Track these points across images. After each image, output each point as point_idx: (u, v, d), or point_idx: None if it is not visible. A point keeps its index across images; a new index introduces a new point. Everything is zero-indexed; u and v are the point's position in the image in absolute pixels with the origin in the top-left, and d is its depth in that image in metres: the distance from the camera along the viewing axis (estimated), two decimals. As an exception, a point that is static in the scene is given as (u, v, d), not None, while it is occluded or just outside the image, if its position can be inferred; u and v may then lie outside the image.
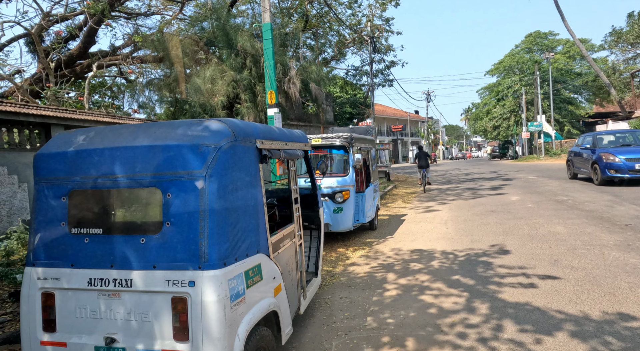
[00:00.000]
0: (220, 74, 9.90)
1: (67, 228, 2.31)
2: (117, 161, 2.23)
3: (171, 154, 2.18)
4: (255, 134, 2.62)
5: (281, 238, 3.00)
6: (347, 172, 6.87)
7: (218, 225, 2.14)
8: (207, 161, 2.15)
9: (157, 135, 2.28)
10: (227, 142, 2.25)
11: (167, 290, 2.11)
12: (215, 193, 2.15)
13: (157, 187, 2.19)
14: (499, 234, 6.77)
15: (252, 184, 2.51)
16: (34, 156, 2.44)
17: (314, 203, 4.33)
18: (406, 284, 4.68)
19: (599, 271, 4.48)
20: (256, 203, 2.55)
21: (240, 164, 2.38)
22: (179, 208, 2.15)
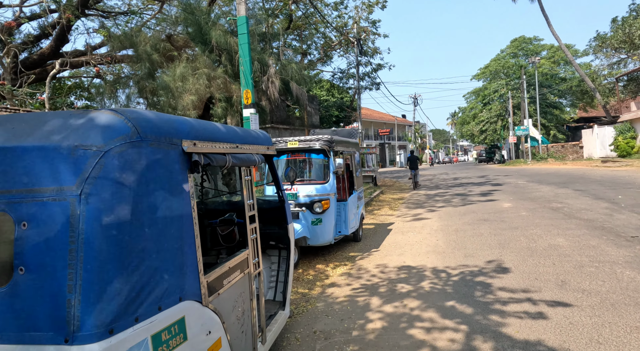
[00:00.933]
0: (193, 72, 9.10)
1: None
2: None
3: (30, 161, 1.42)
4: (180, 131, 1.87)
5: (226, 272, 2.25)
6: (327, 179, 6.15)
7: (101, 271, 1.38)
8: (83, 172, 1.39)
9: (15, 132, 1.51)
10: (123, 143, 1.50)
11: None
12: (97, 220, 1.39)
13: (6, 212, 1.42)
14: (494, 247, 6.13)
15: (173, 203, 1.76)
16: None
17: (281, 217, 3.58)
18: (393, 312, 3.96)
19: (616, 297, 3.84)
20: (180, 230, 1.79)
21: (149, 175, 1.62)
22: (38, 244, 1.38)
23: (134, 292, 1.50)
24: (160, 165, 1.70)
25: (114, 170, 1.45)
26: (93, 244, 1.37)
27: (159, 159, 1.69)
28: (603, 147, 26.91)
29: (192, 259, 1.86)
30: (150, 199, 1.61)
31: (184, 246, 1.82)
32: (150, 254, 1.59)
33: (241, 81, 8.68)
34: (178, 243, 1.78)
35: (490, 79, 44.52)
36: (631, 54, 26.11)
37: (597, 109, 37.08)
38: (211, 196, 4.08)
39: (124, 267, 1.46)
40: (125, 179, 1.49)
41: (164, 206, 1.69)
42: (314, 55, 29.04)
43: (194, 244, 1.88)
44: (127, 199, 1.49)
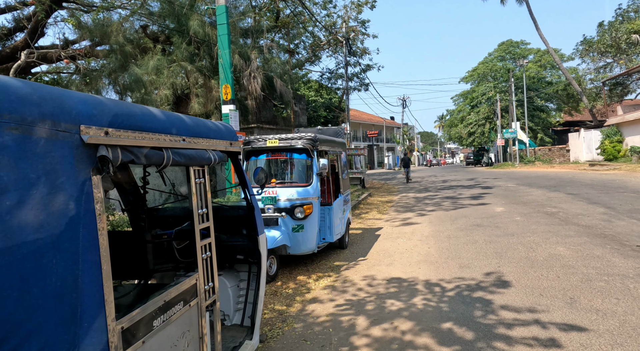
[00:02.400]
0: (168, 65, 8.44)
1: None
2: None
3: None
4: (78, 112, 1.28)
5: (160, 308, 1.66)
6: (311, 181, 5.58)
7: None
8: None
9: None
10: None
11: None
12: None
13: None
14: (491, 256, 5.65)
15: (57, 221, 1.16)
16: None
17: (251, 227, 3.00)
18: (382, 337, 3.41)
19: (635, 319, 3.36)
20: (72, 258, 1.20)
21: (8, 178, 1.03)
22: None
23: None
24: (33, 162, 1.11)
25: None
26: None
27: (28, 153, 1.10)
28: (589, 150, 27.00)
29: (92, 301, 1.27)
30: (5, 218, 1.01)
31: (79, 280, 1.23)
32: (5, 301, 1.00)
33: (220, 75, 8.06)
34: (67, 277, 1.19)
35: (478, 81, 44.62)
36: (617, 58, 26.28)
37: (582, 113, 37.42)
38: (168, 201, 3.47)
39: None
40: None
41: (36, 226, 1.10)
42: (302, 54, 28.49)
43: (97, 278, 1.29)
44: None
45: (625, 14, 26.27)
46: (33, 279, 1.09)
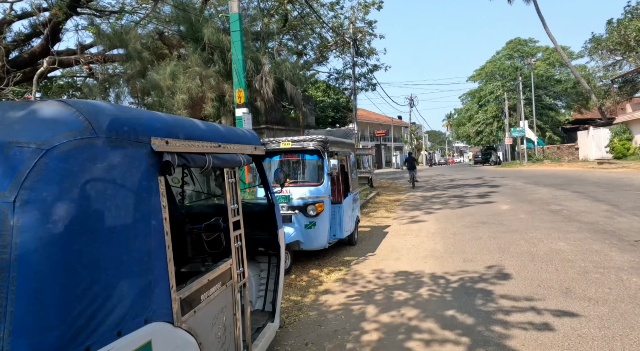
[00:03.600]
0: (184, 70, 8.84)
1: None
2: None
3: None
4: (149, 128, 1.64)
5: (204, 286, 2.01)
6: (322, 181, 5.92)
7: (38, 295, 1.15)
8: (19, 175, 1.16)
9: None
10: (72, 140, 1.26)
11: None
12: (35, 233, 1.15)
13: None
14: (494, 251, 5.93)
15: (137, 211, 1.52)
16: None
17: (271, 222, 3.35)
18: (389, 323, 3.73)
19: (624, 306, 3.64)
20: (146, 241, 1.56)
21: (106, 178, 1.39)
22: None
23: (84, 317, 1.26)
24: (122, 166, 1.46)
25: (58, 172, 1.21)
26: (29, 261, 1.14)
27: (119, 160, 1.45)
28: (599, 149, 26.91)
29: (161, 274, 1.63)
30: (105, 207, 1.37)
31: (151, 259, 1.58)
32: (105, 271, 1.36)
33: (234, 80, 8.43)
34: (143, 256, 1.54)
35: (486, 80, 44.54)
36: (626, 56, 26.16)
37: (592, 111, 37.16)
38: (196, 200, 3.84)
39: (69, 288, 1.22)
40: (74, 183, 1.26)
41: (125, 214, 1.46)
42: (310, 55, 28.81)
43: (164, 256, 1.65)
44: (75, 207, 1.25)
45: (634, 11, 26.14)
46: (125, 255, 1.44)
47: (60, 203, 1.21)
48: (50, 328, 1.16)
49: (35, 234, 1.15)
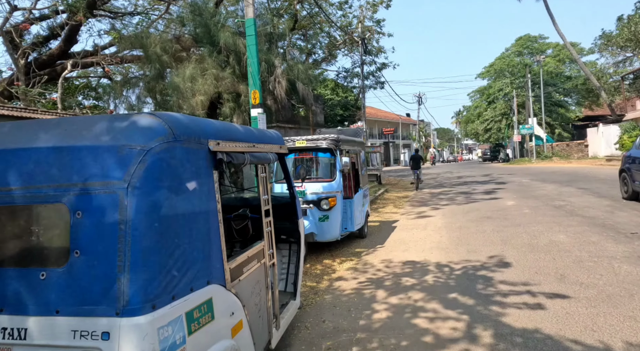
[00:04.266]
0: (201, 73, 9.32)
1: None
2: (10, 168, 1.67)
3: (83, 158, 1.63)
4: (206, 132, 2.08)
5: (245, 261, 2.46)
6: (334, 177, 6.35)
7: (145, 254, 1.59)
8: (129, 168, 1.60)
9: (67, 133, 1.72)
10: (162, 143, 1.71)
11: (73, 345, 1.55)
12: (141, 210, 1.60)
13: (62, 203, 1.64)
14: (496, 243, 6.30)
15: (201, 197, 1.97)
16: None
17: (292, 213, 3.78)
18: (397, 304, 4.15)
19: (612, 289, 4.01)
20: (207, 220, 2.00)
21: (182, 171, 1.83)
22: (91, 231, 1.59)
23: (171, 274, 1.71)
24: (191, 162, 1.91)
25: (155, 166, 1.66)
26: (139, 230, 1.58)
27: (189, 157, 1.90)
28: (608, 145, 26.83)
29: (217, 247, 2.07)
30: (185, 192, 1.82)
31: (211, 235, 2.03)
32: (184, 241, 1.80)
33: (249, 82, 8.88)
34: (206, 232, 1.99)
35: (495, 77, 44.42)
36: (637, 52, 26.03)
37: (602, 107, 36.86)
38: (224, 193, 4.29)
39: (163, 251, 1.67)
40: (164, 174, 1.70)
41: (194, 198, 1.90)
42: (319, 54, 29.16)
43: (219, 233, 2.09)
44: (165, 191, 1.70)
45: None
46: (194, 228, 1.89)
47: (155, 188, 1.66)
48: (152, 278, 1.61)
49: (141, 210, 1.60)
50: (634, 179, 8.61)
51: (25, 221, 1.76)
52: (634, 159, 8.78)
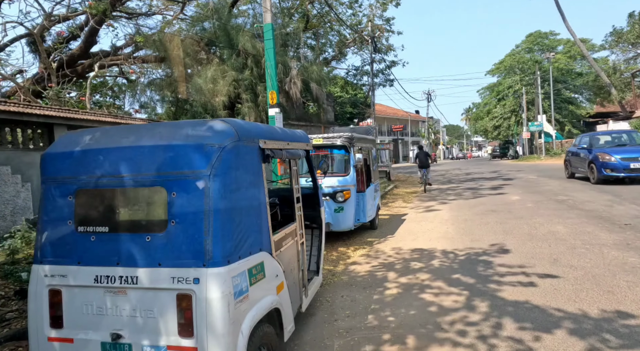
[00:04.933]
0: (222, 74, 9.95)
1: (73, 226, 2.36)
2: (123, 161, 2.27)
3: (176, 153, 2.23)
4: (258, 134, 2.66)
5: (283, 237, 3.04)
6: (348, 172, 6.91)
7: (222, 224, 2.18)
8: (211, 161, 2.19)
9: (163, 135, 2.32)
10: (231, 142, 2.29)
11: (172, 287, 2.15)
12: (219, 192, 2.19)
13: (162, 186, 2.24)
14: (499, 233, 6.81)
15: (255, 183, 2.55)
16: (40, 155, 2.49)
17: (315, 202, 4.36)
18: (407, 283, 4.71)
19: (598, 270, 4.51)
20: (259, 202, 2.59)
21: (244, 163, 2.42)
22: (183, 206, 2.19)
23: (238, 240, 2.30)
24: (250, 156, 2.50)
25: (227, 159, 2.24)
26: (218, 206, 2.17)
27: (249, 153, 2.49)
28: (618, 142, 26.88)
29: (266, 223, 2.66)
30: (246, 179, 2.41)
31: (262, 213, 2.62)
32: (246, 216, 2.39)
33: (267, 83, 9.48)
34: (258, 211, 2.58)
35: (504, 74, 44.38)
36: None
37: (614, 104, 36.72)
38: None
39: (234, 223, 2.26)
40: (233, 165, 2.29)
41: (252, 184, 2.49)
42: (329, 53, 29.62)
43: (266, 212, 2.68)
44: (235, 178, 2.29)
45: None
46: (252, 210, 2.47)
47: (228, 175, 2.25)
48: (226, 241, 2.20)
49: (219, 192, 2.19)
50: (572, 166, 14.11)
51: (134, 200, 2.37)
52: (572, 153, 14.11)
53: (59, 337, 2.31)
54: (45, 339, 2.33)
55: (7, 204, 5.91)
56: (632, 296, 3.73)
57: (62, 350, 2.31)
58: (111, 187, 2.35)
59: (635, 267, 4.52)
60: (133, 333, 2.20)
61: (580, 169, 13.36)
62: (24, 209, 6.16)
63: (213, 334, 2.09)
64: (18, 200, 6.08)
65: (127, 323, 2.22)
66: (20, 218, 6.03)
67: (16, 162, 6.10)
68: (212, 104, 9.55)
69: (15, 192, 6.04)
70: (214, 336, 2.09)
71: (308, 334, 3.51)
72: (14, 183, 6.02)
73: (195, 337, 2.11)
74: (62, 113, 7.05)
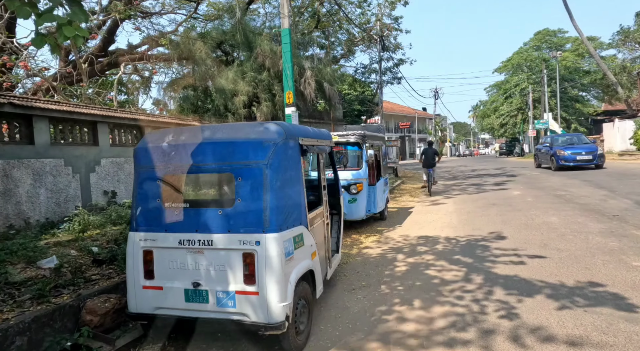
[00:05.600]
0: (241, 75, 10.68)
1: (161, 203, 3.11)
2: (199, 153, 3.02)
3: (241, 148, 2.96)
4: (298, 133, 3.39)
5: (315, 216, 3.78)
6: (361, 167, 7.63)
7: (276, 201, 2.92)
8: (268, 154, 2.92)
9: (230, 134, 3.06)
10: (281, 140, 3.02)
11: (239, 248, 2.89)
12: (274, 177, 2.92)
13: (230, 172, 2.98)
14: (498, 223, 7.48)
15: (297, 171, 3.28)
16: (134, 150, 3.24)
17: (335, 191, 5.09)
18: (413, 262, 5.43)
19: (580, 252, 5.19)
20: (300, 186, 3.32)
21: (290, 156, 3.15)
22: (247, 188, 2.93)
23: (286, 214, 3.03)
24: (293, 151, 3.23)
25: (279, 152, 2.97)
26: (273, 187, 2.91)
27: (293, 148, 3.21)
28: (623, 141, 27.19)
29: (303, 203, 3.39)
30: (291, 168, 3.14)
31: (301, 194, 3.35)
32: (291, 196, 3.13)
33: (284, 84, 10.20)
34: (298, 192, 3.31)
35: (512, 72, 44.62)
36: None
37: (622, 102, 36.86)
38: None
39: (284, 201, 3.00)
40: (283, 157, 3.02)
41: (294, 171, 3.22)
42: (337, 51, 30.21)
43: (304, 194, 3.41)
44: (284, 167, 3.03)
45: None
46: (295, 192, 3.20)
47: (280, 164, 2.98)
48: (279, 214, 2.93)
49: (274, 177, 2.92)
50: (539, 159, 19.97)
51: (209, 183, 3.12)
52: (539, 150, 20.21)
53: (151, 285, 3.07)
54: (140, 287, 3.09)
55: (61, 193, 6.71)
56: (604, 271, 4.41)
57: (154, 295, 3.07)
58: (191, 173, 3.09)
59: (612, 249, 5.19)
60: (209, 282, 2.95)
61: (544, 161, 18.83)
62: (74, 197, 6.97)
63: (270, 282, 2.83)
64: (69, 189, 6.89)
65: (203, 275, 2.97)
66: (72, 204, 6.84)
67: (68, 156, 6.90)
68: (233, 103, 10.30)
69: (68, 182, 6.84)
70: (271, 283, 2.83)
71: (331, 299, 4.24)
72: (67, 174, 6.83)
73: (256, 284, 2.85)
74: (104, 112, 7.84)
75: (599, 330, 3.13)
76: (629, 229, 6.20)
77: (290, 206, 3.10)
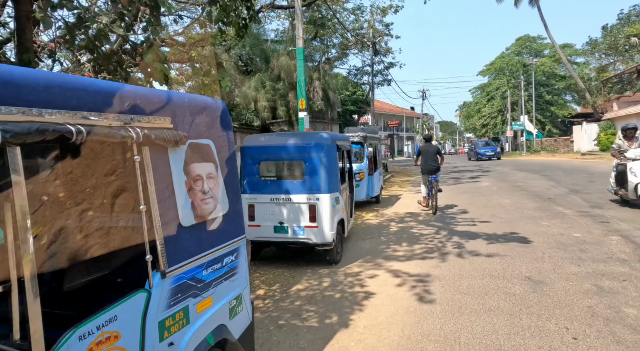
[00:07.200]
0: (261, 84, 12.91)
1: (259, 177, 5.40)
2: (282, 150, 5.32)
3: (308, 147, 5.28)
4: (336, 138, 5.72)
5: (343, 188, 6.12)
6: (363, 160, 9.99)
7: (327, 177, 5.24)
8: (323, 150, 5.24)
9: (300, 139, 5.37)
10: (330, 142, 5.34)
11: (307, 202, 5.21)
12: (326, 164, 5.24)
13: (301, 160, 5.29)
14: (465, 204, 9.94)
15: (335, 161, 5.61)
16: (240, 147, 5.52)
17: (350, 176, 7.43)
18: (402, 226, 7.83)
19: (514, 219, 7.67)
20: (336, 169, 5.65)
21: (333, 152, 5.48)
22: (311, 169, 5.24)
23: (332, 184, 5.37)
24: (334, 148, 5.56)
25: (329, 150, 5.30)
26: (326, 169, 5.23)
27: (334, 147, 5.55)
28: (589, 142, 30.23)
29: (338, 180, 5.73)
30: (333, 158, 5.48)
31: (337, 174, 5.68)
32: (334, 174, 5.47)
33: (298, 93, 12.48)
34: (337, 173, 5.64)
35: (494, 75, 47.56)
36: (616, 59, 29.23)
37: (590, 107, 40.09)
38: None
39: (332, 177, 5.34)
40: (330, 152, 5.36)
41: (335, 161, 5.56)
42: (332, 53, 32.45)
43: (339, 174, 5.74)
44: (330, 157, 5.37)
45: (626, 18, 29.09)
46: (335, 172, 5.54)
47: (329, 157, 5.31)
48: (329, 184, 5.26)
49: (327, 161, 5.25)
50: (469, 155, 35.64)
51: (289, 166, 5.42)
52: (469, 149, 37.59)
53: (253, 224, 5.37)
54: (246, 225, 5.39)
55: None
56: (523, 227, 6.87)
57: (254, 230, 5.36)
58: (277, 160, 5.39)
59: (534, 216, 7.68)
60: (288, 221, 5.26)
61: (471, 156, 32.83)
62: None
63: (325, 220, 5.15)
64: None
65: (285, 217, 5.28)
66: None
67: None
68: (256, 108, 12.53)
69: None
70: (325, 221, 5.15)
71: (350, 243, 6.59)
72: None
73: (317, 222, 5.17)
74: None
75: (506, 250, 5.57)
76: (553, 206, 8.73)
77: (333, 180, 5.43)
